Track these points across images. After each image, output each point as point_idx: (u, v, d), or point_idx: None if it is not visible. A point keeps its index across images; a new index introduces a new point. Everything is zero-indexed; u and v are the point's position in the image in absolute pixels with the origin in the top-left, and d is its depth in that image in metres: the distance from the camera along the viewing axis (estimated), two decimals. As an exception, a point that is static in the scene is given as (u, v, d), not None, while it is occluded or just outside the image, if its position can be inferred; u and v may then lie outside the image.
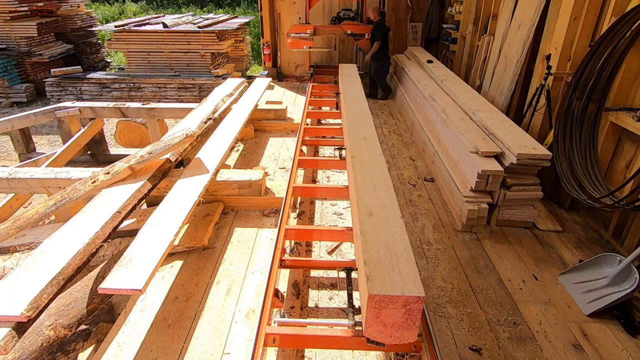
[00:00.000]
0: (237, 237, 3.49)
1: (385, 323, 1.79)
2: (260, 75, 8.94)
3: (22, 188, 3.57)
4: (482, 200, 3.54)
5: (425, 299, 1.75)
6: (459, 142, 3.97)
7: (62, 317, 2.11)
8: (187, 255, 3.24)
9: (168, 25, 9.26)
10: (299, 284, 2.94)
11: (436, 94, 5.22)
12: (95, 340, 2.57)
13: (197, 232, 3.36)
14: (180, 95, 8.94)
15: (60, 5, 10.75)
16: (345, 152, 3.59)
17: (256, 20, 13.98)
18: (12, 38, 9.43)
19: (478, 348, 2.45)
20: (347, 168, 3.30)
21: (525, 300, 2.84)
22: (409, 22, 9.04)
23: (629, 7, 3.35)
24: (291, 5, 8.66)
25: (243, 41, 11.19)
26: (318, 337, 2.10)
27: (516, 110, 5.16)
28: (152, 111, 5.47)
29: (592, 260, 2.95)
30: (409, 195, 4.21)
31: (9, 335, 1.91)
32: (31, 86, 9.49)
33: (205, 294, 2.84)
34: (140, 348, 2.41)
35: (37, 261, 2.22)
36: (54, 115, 5.50)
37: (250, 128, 5.69)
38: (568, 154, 3.63)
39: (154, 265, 2.18)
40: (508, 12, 5.30)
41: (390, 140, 5.66)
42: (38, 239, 3.35)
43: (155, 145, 3.28)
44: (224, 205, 3.87)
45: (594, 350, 2.47)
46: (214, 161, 3.57)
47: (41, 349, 1.94)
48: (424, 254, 3.30)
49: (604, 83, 3.48)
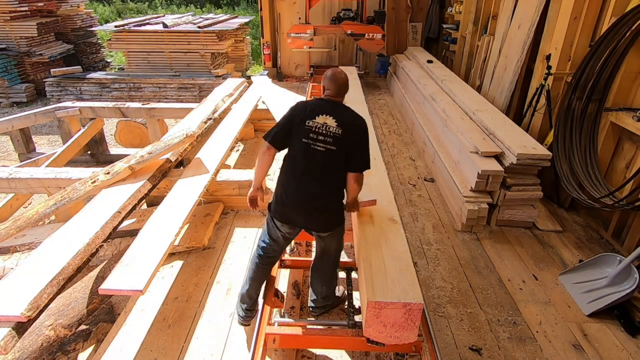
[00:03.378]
0: (237, 237, 3.49)
1: (385, 323, 1.79)
2: (259, 75, 8.94)
3: (22, 188, 3.57)
4: (482, 200, 3.54)
5: (425, 299, 1.75)
6: (459, 142, 3.97)
7: (62, 317, 2.11)
8: (187, 255, 3.24)
9: (168, 25, 9.26)
10: (299, 284, 2.94)
11: (436, 94, 5.22)
12: (95, 340, 2.57)
13: (197, 232, 3.36)
14: (180, 95, 8.93)
15: (60, 5, 10.74)
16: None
17: (256, 20, 13.99)
18: (12, 38, 9.42)
19: (478, 348, 2.45)
20: None
21: (525, 300, 2.84)
22: (409, 22, 9.04)
23: (629, 7, 3.35)
24: (291, 5, 8.65)
25: (243, 41, 11.18)
26: (318, 337, 2.11)
27: (516, 110, 5.16)
28: (152, 111, 5.47)
29: (592, 260, 2.95)
30: (409, 195, 4.21)
31: (9, 335, 1.91)
32: (31, 86, 9.48)
33: (205, 294, 2.84)
34: (140, 348, 2.41)
35: (37, 261, 2.22)
36: (54, 115, 5.49)
37: (250, 128, 5.69)
38: (568, 154, 3.63)
39: (154, 266, 2.18)
40: (508, 12, 5.30)
41: (390, 140, 5.66)
42: (38, 239, 3.34)
43: (155, 145, 3.28)
44: (224, 205, 3.87)
45: (594, 350, 2.47)
46: (214, 161, 3.57)
47: (41, 349, 1.94)
48: (424, 254, 3.30)
49: (604, 83, 3.48)
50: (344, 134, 2.08)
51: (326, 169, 2.11)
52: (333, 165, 2.11)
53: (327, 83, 2.23)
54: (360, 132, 2.16)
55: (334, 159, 2.09)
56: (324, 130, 2.08)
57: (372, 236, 2.26)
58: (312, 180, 2.10)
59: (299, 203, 2.13)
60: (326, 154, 2.08)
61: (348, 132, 2.10)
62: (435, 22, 8.71)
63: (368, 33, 7.30)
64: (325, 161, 2.09)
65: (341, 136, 2.08)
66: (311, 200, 2.12)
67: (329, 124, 2.09)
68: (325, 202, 2.16)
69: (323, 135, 2.08)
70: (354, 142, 2.12)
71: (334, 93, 2.22)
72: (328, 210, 2.19)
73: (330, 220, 2.23)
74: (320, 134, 2.08)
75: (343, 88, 2.24)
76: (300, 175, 2.11)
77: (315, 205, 2.14)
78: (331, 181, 2.15)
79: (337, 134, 2.08)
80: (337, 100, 2.22)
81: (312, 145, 2.08)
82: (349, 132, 2.10)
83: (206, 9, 21.63)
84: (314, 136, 2.08)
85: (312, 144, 2.08)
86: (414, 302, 1.74)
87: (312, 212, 2.15)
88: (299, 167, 2.12)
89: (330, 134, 2.08)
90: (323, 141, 2.08)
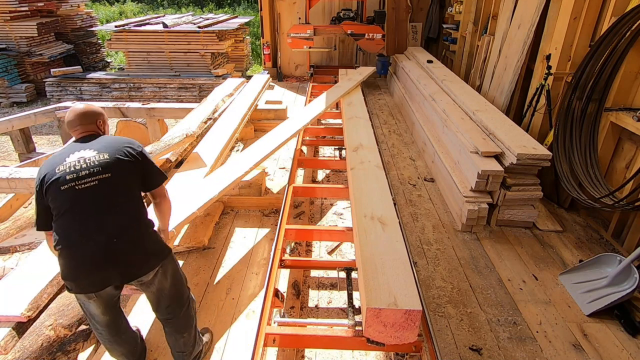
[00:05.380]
0: (237, 237, 3.49)
1: (386, 323, 1.79)
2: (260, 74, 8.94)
3: (22, 188, 3.57)
4: (482, 200, 3.54)
5: (425, 299, 1.75)
6: (459, 142, 3.97)
7: (62, 317, 2.11)
8: (187, 255, 3.24)
9: (168, 25, 9.26)
10: (299, 284, 2.94)
11: (436, 94, 5.22)
12: (95, 340, 2.56)
13: (197, 232, 3.36)
14: (180, 95, 8.93)
15: (60, 5, 10.74)
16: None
17: (256, 20, 13.99)
18: (12, 38, 9.42)
19: (478, 348, 2.45)
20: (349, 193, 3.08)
21: (525, 300, 2.84)
22: (409, 22, 9.05)
23: (629, 7, 3.35)
24: (291, 5, 8.66)
25: (243, 41, 11.18)
26: (318, 337, 2.10)
27: (516, 110, 5.16)
28: (152, 111, 5.47)
29: (592, 260, 2.95)
30: (409, 195, 4.21)
31: (9, 335, 1.91)
32: (31, 86, 9.48)
33: (205, 294, 2.84)
34: (140, 348, 2.41)
35: (37, 261, 2.22)
36: (54, 115, 5.50)
37: (250, 128, 5.69)
38: (568, 154, 3.63)
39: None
40: (508, 12, 5.30)
41: (390, 140, 5.66)
42: (38, 239, 3.35)
43: (155, 145, 3.29)
44: (224, 205, 3.87)
45: (594, 350, 2.47)
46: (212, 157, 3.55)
47: (41, 349, 1.94)
48: (424, 254, 3.30)
49: (604, 83, 3.48)
50: (111, 156, 1.78)
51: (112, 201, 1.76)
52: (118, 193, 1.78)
53: (69, 123, 1.90)
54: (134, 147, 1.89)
55: (116, 187, 1.77)
56: (84, 164, 1.73)
57: (372, 237, 2.26)
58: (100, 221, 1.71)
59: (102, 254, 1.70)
60: (102, 186, 1.74)
61: (116, 152, 1.80)
62: (435, 22, 8.71)
63: (368, 33, 7.30)
64: (106, 193, 1.74)
65: (110, 160, 1.77)
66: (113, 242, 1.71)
67: (86, 156, 1.76)
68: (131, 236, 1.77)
69: (86, 169, 1.73)
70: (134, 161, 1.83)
71: (80, 128, 1.89)
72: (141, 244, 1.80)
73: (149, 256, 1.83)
74: (82, 170, 1.72)
75: (86, 117, 1.90)
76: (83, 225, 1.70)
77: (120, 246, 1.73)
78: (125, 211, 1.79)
79: (103, 159, 1.76)
80: (87, 134, 1.89)
81: (76, 187, 1.70)
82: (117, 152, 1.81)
83: (207, 9, 21.64)
84: (73, 176, 1.71)
85: (75, 186, 1.70)
86: (412, 308, 1.75)
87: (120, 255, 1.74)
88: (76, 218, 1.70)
89: (96, 163, 1.75)
90: (90, 174, 1.72)
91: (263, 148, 3.58)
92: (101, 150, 1.80)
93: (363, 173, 3.08)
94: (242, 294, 2.83)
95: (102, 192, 1.74)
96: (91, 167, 1.74)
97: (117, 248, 1.72)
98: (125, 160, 1.82)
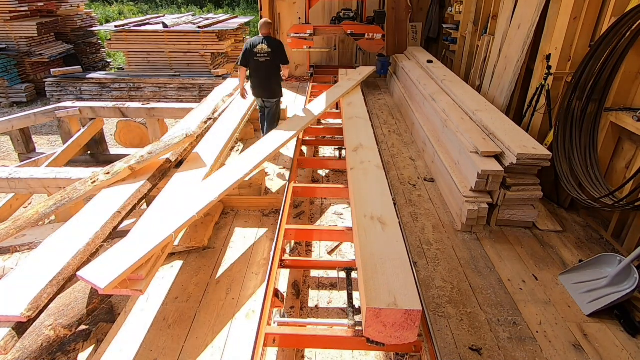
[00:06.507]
0: (237, 237, 3.49)
1: (386, 323, 1.79)
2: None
3: (22, 188, 3.57)
4: (482, 200, 3.54)
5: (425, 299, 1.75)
6: (459, 142, 3.97)
7: (62, 317, 2.11)
8: (187, 255, 3.24)
9: (168, 25, 9.26)
10: (299, 284, 2.94)
11: (436, 94, 5.22)
12: (95, 340, 2.57)
13: (197, 232, 3.36)
14: (180, 95, 8.94)
15: (60, 5, 10.75)
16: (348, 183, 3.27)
17: (256, 20, 13.98)
18: (12, 38, 9.43)
19: (478, 348, 2.45)
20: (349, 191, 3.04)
21: (525, 300, 2.84)
22: (409, 22, 9.04)
23: (629, 7, 3.35)
24: (291, 6, 8.65)
25: (243, 41, 11.18)
26: (318, 337, 2.10)
27: (516, 110, 5.16)
28: (152, 111, 5.47)
29: (592, 260, 2.95)
30: (409, 196, 4.21)
31: (9, 335, 1.91)
32: (31, 86, 9.49)
33: (205, 294, 2.84)
34: (140, 348, 2.41)
35: (37, 261, 2.22)
36: (54, 115, 5.50)
37: (250, 128, 5.69)
38: (568, 154, 3.63)
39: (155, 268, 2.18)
40: (508, 12, 5.30)
41: (390, 140, 5.66)
42: (38, 239, 3.35)
43: (155, 145, 3.28)
44: (224, 205, 3.87)
45: (594, 350, 2.47)
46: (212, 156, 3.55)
47: (41, 349, 1.94)
48: (424, 254, 3.30)
49: (604, 83, 3.48)
50: (272, 50, 4.48)
51: (268, 68, 4.55)
52: (271, 65, 4.55)
53: (260, 29, 4.55)
54: (280, 46, 4.58)
55: (271, 63, 4.53)
56: (261, 51, 4.47)
57: (372, 237, 2.26)
58: (263, 74, 4.58)
59: (259, 85, 4.66)
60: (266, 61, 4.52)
61: (274, 48, 4.50)
62: (435, 22, 8.71)
63: (368, 33, 7.30)
64: (267, 64, 4.52)
65: (271, 51, 4.48)
66: (264, 83, 4.63)
67: (264, 47, 4.47)
68: (270, 82, 4.64)
69: (261, 53, 4.47)
70: (278, 51, 4.54)
71: (262, 32, 4.52)
72: (272, 86, 4.66)
73: (275, 92, 4.73)
74: (260, 53, 4.47)
75: (263, 27, 4.53)
76: (256, 73, 4.59)
77: (265, 85, 4.64)
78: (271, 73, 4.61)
79: (268, 51, 4.47)
80: (265, 34, 4.52)
81: (259, 60, 4.50)
82: (274, 48, 4.50)
83: (207, 9, 21.65)
84: (258, 54, 4.48)
85: (258, 59, 4.50)
86: (412, 308, 1.75)
87: (265, 88, 4.66)
88: (256, 70, 4.57)
89: (264, 52, 4.46)
90: (263, 55, 4.48)
91: (262, 150, 3.57)
92: (269, 46, 4.48)
93: (363, 173, 3.08)
94: (242, 294, 2.83)
95: (266, 63, 4.53)
96: (264, 53, 4.47)
97: (265, 85, 4.67)
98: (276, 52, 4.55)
